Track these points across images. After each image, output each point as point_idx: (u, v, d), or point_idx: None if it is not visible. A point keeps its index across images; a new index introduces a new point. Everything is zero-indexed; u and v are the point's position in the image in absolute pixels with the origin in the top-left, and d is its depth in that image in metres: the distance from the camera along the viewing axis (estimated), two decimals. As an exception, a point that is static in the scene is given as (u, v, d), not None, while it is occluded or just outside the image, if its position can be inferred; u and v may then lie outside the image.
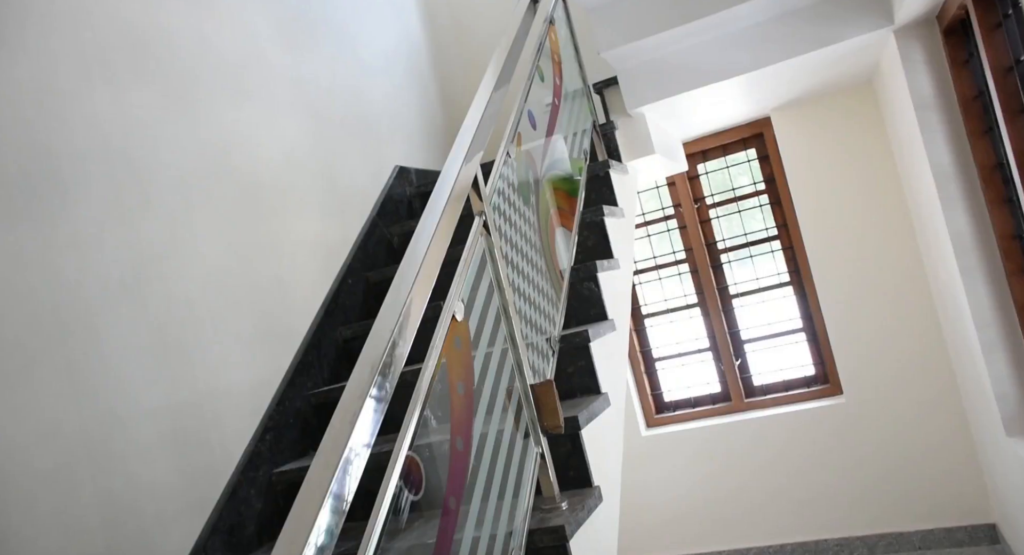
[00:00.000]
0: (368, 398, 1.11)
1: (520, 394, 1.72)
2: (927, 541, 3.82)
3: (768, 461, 4.13)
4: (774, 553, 4.14)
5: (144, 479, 1.80)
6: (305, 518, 0.97)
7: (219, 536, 1.94)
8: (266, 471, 2.15)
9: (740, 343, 4.36)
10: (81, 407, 1.69)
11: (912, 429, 3.84)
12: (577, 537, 1.66)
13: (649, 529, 4.37)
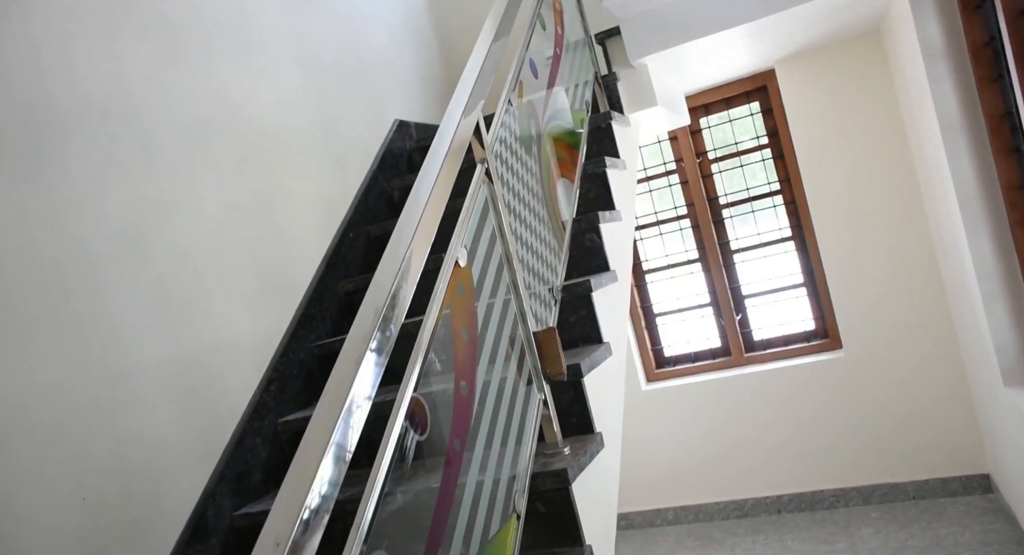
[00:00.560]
0: (369, 348, 1.11)
1: (523, 341, 1.73)
2: (922, 491, 3.88)
3: (767, 415, 4.17)
4: (771, 504, 4.20)
5: (152, 429, 1.81)
6: (307, 468, 0.98)
7: (227, 483, 1.97)
8: (271, 421, 2.17)
9: (741, 298, 4.37)
10: (87, 359, 1.70)
11: (910, 382, 3.87)
12: (579, 481, 1.68)
13: (649, 482, 4.44)
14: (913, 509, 3.78)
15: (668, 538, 4.23)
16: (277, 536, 0.89)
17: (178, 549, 1.79)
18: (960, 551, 3.24)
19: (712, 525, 4.26)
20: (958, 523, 3.51)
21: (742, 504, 4.27)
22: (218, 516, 1.91)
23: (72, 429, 1.62)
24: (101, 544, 1.62)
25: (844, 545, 3.59)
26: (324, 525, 0.93)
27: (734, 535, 4.05)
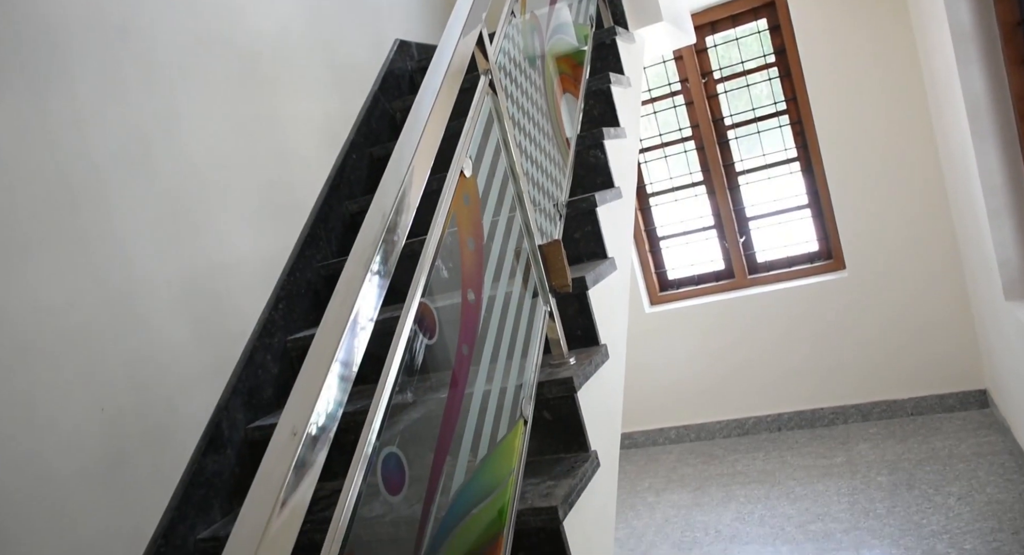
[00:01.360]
0: (372, 265, 1.11)
1: (528, 254, 1.74)
2: (919, 407, 3.95)
3: (769, 336, 4.22)
4: (772, 422, 4.30)
5: (164, 344, 1.85)
6: (323, 358, 1.00)
7: (239, 398, 2.01)
8: (280, 338, 2.20)
9: (745, 220, 4.36)
10: (97, 275, 1.72)
11: (912, 301, 3.90)
12: (584, 389, 1.72)
13: (652, 402, 4.52)
14: (910, 424, 3.87)
15: (670, 456, 4.34)
16: (294, 426, 0.92)
17: (195, 458, 1.84)
18: (955, 462, 3.33)
19: (713, 443, 4.36)
20: (954, 436, 3.59)
21: (743, 422, 4.36)
22: (232, 428, 1.97)
23: (87, 342, 1.65)
24: (121, 452, 1.67)
25: (842, 459, 3.68)
26: (339, 416, 0.96)
27: (735, 452, 4.15)
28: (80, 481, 1.58)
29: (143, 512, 1.71)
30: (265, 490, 0.86)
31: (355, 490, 0.97)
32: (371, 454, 1.03)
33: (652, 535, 3.42)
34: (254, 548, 0.80)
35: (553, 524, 1.46)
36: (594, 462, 1.67)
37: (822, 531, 3.06)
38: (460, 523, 1.26)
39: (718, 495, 3.66)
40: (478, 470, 1.34)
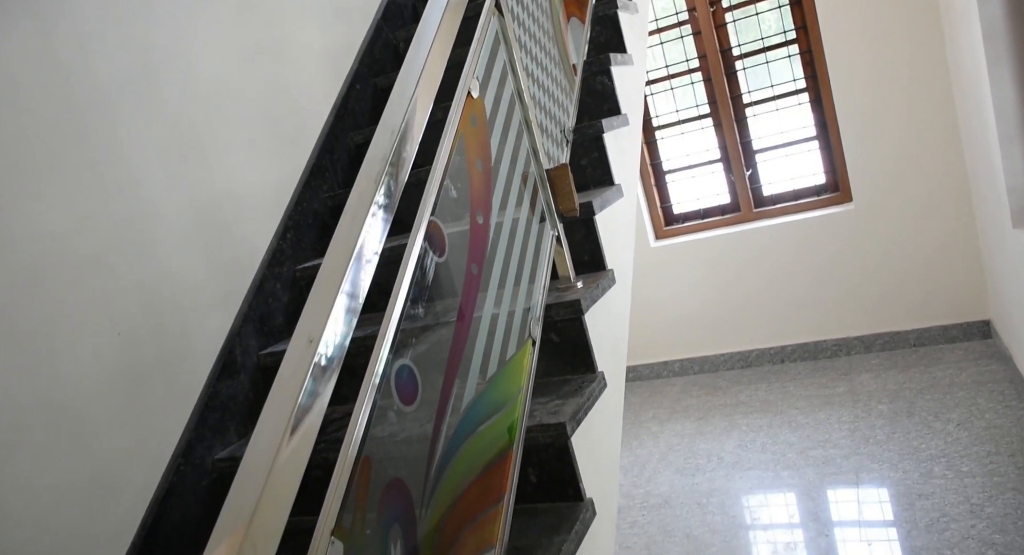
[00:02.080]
0: (377, 195, 1.11)
1: (536, 178, 1.74)
2: (922, 338, 3.99)
3: (774, 269, 4.24)
4: (775, 354, 4.34)
5: (175, 271, 1.86)
6: (336, 267, 1.01)
7: (251, 325, 2.04)
8: (289, 267, 2.22)
9: (752, 153, 4.33)
10: (108, 201, 1.73)
11: (918, 232, 3.89)
12: (591, 312, 1.74)
13: (656, 336, 4.57)
14: (912, 355, 3.91)
15: (674, 388, 4.40)
16: (310, 333, 0.94)
17: (210, 383, 1.88)
18: (955, 390, 3.38)
19: (717, 375, 4.42)
20: (955, 366, 3.63)
21: (747, 355, 4.41)
22: (245, 354, 2.00)
23: (99, 267, 1.67)
24: (138, 374, 1.71)
25: (844, 389, 3.74)
26: (354, 323, 0.98)
27: (738, 383, 4.21)
28: (100, 402, 1.62)
29: (162, 433, 1.75)
30: (283, 395, 0.89)
31: (371, 394, 1.00)
32: (385, 366, 1.05)
33: (656, 462, 3.50)
34: (278, 441, 0.83)
35: (561, 440, 1.50)
36: (601, 382, 1.70)
37: (822, 457, 3.13)
38: (470, 437, 1.29)
39: (721, 424, 3.73)
40: (488, 387, 1.37)
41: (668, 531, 2.88)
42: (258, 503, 0.80)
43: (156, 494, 1.70)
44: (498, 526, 1.33)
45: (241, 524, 0.79)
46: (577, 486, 1.53)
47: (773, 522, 2.81)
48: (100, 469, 1.60)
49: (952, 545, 2.36)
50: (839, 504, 2.79)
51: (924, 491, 2.69)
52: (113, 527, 1.61)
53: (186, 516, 1.76)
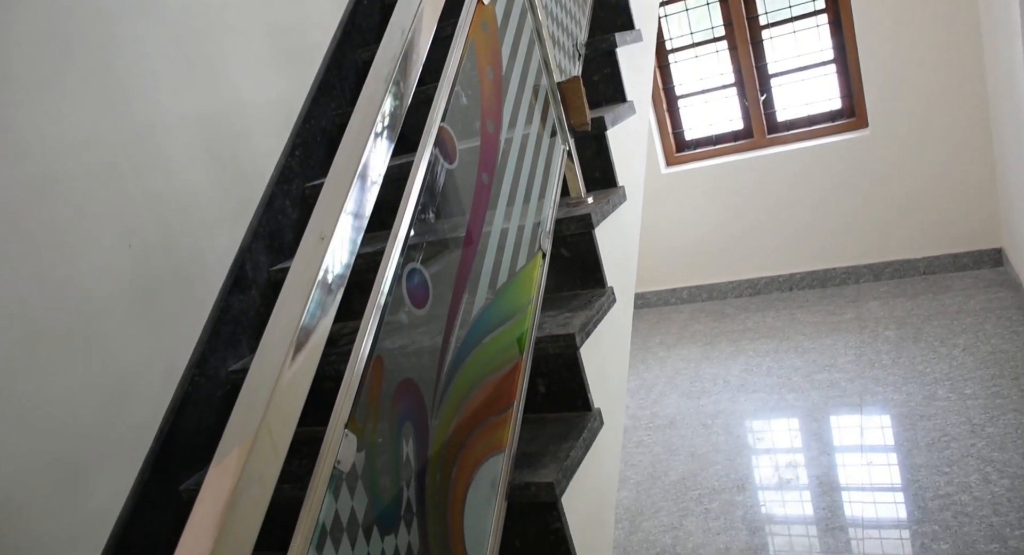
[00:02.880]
0: (382, 108, 1.09)
1: (547, 91, 1.71)
2: (932, 266, 3.98)
3: (786, 196, 4.20)
4: (784, 282, 4.35)
5: (185, 184, 1.86)
6: (350, 162, 1.00)
7: (261, 241, 2.05)
8: (298, 185, 2.21)
9: (767, 77, 4.23)
10: (115, 112, 1.71)
11: (934, 159, 3.83)
12: (602, 227, 1.73)
13: (665, 263, 4.57)
14: (922, 283, 3.90)
15: (682, 315, 4.43)
16: (321, 231, 0.94)
17: (222, 297, 1.90)
18: (962, 317, 3.38)
19: (725, 302, 4.44)
20: (963, 293, 3.63)
21: (755, 282, 4.42)
22: (256, 270, 2.01)
23: (109, 179, 1.67)
24: (150, 287, 1.73)
25: (851, 316, 3.75)
26: (365, 222, 0.98)
27: (746, 311, 4.23)
28: (114, 311, 1.64)
29: (176, 344, 1.78)
30: (297, 289, 0.89)
31: (384, 292, 1.01)
32: (398, 263, 1.06)
33: (662, 385, 3.55)
34: (292, 335, 0.84)
35: (570, 351, 1.52)
36: (610, 297, 1.71)
37: (827, 380, 3.16)
38: (481, 344, 1.31)
39: (727, 349, 3.76)
40: (498, 296, 1.38)
41: (673, 450, 2.94)
42: (266, 412, 0.80)
43: (172, 403, 1.74)
44: (508, 431, 1.36)
45: (248, 434, 0.78)
46: (585, 397, 1.56)
47: (776, 442, 2.87)
48: (116, 376, 1.63)
49: (951, 462, 2.41)
50: (842, 425, 2.83)
51: (926, 412, 2.72)
52: (131, 432, 1.65)
53: (201, 425, 1.80)
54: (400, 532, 1.04)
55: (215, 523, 0.72)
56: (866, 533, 2.22)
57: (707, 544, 2.35)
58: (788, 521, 2.41)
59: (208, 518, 0.73)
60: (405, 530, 1.05)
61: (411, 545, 1.06)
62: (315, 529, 0.88)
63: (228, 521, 0.72)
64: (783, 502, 2.50)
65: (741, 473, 2.69)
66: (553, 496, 1.34)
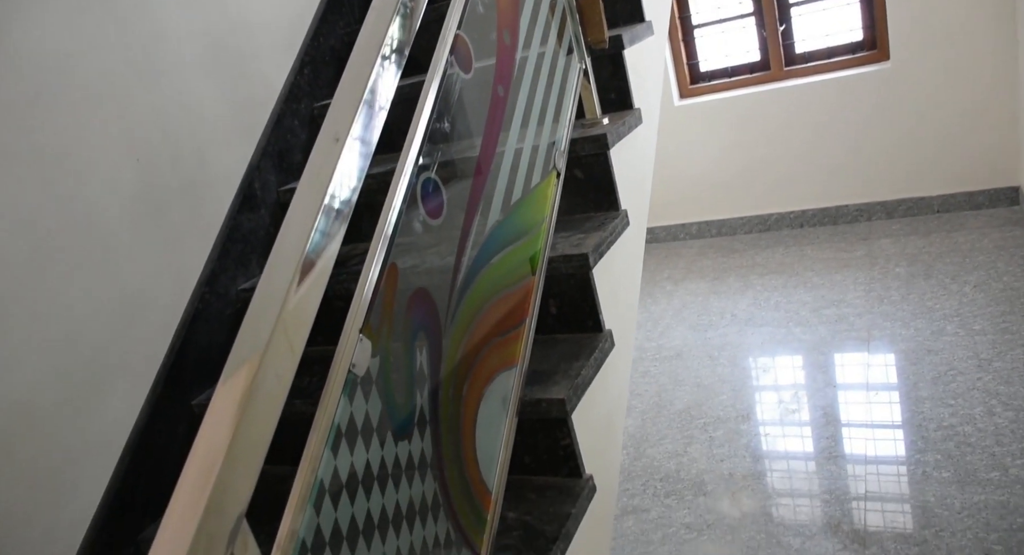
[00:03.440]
0: (394, 20, 1.04)
1: (564, 6, 1.65)
2: (947, 205, 3.93)
3: (800, 131, 4.12)
4: (795, 218, 4.31)
5: (192, 99, 1.82)
6: (352, 93, 0.97)
7: (269, 159, 2.02)
8: (307, 105, 2.17)
9: (787, 6, 4.10)
10: (119, 22, 1.66)
11: (955, 94, 3.74)
12: (617, 149, 1.70)
13: (675, 198, 4.52)
14: (935, 221, 3.86)
15: (690, 250, 4.41)
16: (336, 132, 0.92)
17: (231, 215, 1.88)
18: (975, 254, 3.36)
19: (735, 238, 4.41)
20: (978, 231, 3.59)
21: (766, 219, 4.38)
22: (265, 189, 1.99)
23: (112, 91, 1.63)
24: (160, 203, 1.71)
25: (862, 253, 3.73)
26: (382, 120, 0.95)
27: (755, 246, 4.20)
28: (124, 226, 1.62)
29: (186, 260, 1.77)
30: (312, 189, 0.87)
31: (399, 198, 0.99)
32: (412, 172, 1.04)
33: (669, 319, 3.55)
34: (306, 236, 0.82)
35: (583, 271, 1.51)
36: (624, 220, 1.68)
37: (836, 315, 3.16)
38: (494, 258, 1.29)
39: (736, 284, 3.75)
40: (512, 211, 1.36)
41: (679, 380, 2.96)
42: (274, 329, 0.78)
43: (183, 318, 1.74)
44: (520, 347, 1.36)
45: (256, 353, 0.76)
46: (597, 318, 1.55)
47: (782, 374, 2.88)
48: (128, 290, 1.63)
49: (956, 395, 2.42)
50: (848, 358, 2.84)
51: (934, 347, 2.72)
52: (144, 346, 1.66)
53: (212, 342, 1.81)
54: (414, 439, 1.04)
55: (232, 415, 0.72)
56: (868, 461, 2.25)
57: (711, 470, 2.38)
58: (791, 449, 2.44)
59: (225, 410, 0.73)
60: (418, 437, 1.06)
61: (424, 452, 1.07)
62: (330, 430, 0.88)
63: (246, 414, 0.72)
64: (787, 432, 2.52)
65: (746, 403, 2.72)
66: (564, 412, 1.35)
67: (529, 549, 1.27)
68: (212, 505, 0.69)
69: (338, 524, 0.90)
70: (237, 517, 0.72)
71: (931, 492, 2.05)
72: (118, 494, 1.57)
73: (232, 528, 0.71)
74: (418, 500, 1.05)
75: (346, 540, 0.91)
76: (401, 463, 1.01)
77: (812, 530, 2.04)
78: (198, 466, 0.71)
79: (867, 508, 2.06)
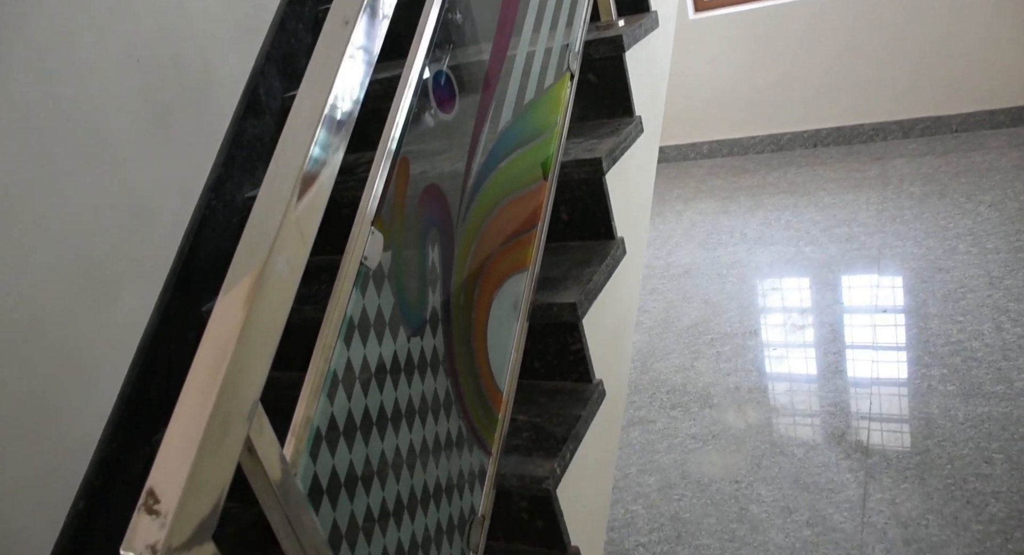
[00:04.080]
0: None
1: None
2: (966, 124, 3.84)
3: (817, 47, 3.99)
4: (808, 138, 4.22)
5: (191, 1, 1.75)
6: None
7: (273, 65, 1.96)
8: (311, 7, 2.09)
9: (810, -88, 3.91)
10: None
11: (981, 9, 3.60)
12: (632, 52, 1.64)
13: (686, 115, 4.43)
14: (952, 141, 3.78)
15: (701, 169, 4.34)
16: (345, 15, 0.87)
17: (235, 120, 1.84)
18: (992, 174, 3.30)
19: (746, 158, 4.34)
20: (996, 151, 3.52)
21: (779, 138, 4.29)
22: (270, 96, 1.94)
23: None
24: (163, 107, 1.67)
25: (876, 172, 3.66)
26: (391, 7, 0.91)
27: (767, 166, 4.14)
28: (126, 128, 1.59)
29: (191, 166, 1.74)
30: (320, 74, 0.84)
31: (412, 86, 0.96)
32: (422, 65, 1.00)
33: (679, 237, 3.53)
34: (303, 153, 0.80)
35: (596, 177, 1.48)
36: (638, 126, 1.64)
37: (847, 234, 3.13)
38: (507, 159, 1.26)
39: (746, 203, 3.71)
40: (525, 112, 1.32)
41: (687, 297, 2.96)
42: (277, 234, 0.75)
43: (190, 225, 1.73)
44: (531, 250, 1.34)
45: (257, 262, 0.73)
46: (609, 225, 1.53)
47: (790, 291, 2.87)
48: (133, 195, 1.60)
49: (966, 312, 2.41)
50: (857, 276, 2.83)
51: (945, 265, 2.70)
52: (152, 253, 1.65)
53: (220, 249, 1.80)
54: (426, 336, 1.04)
55: (245, 299, 0.71)
56: (874, 374, 2.26)
57: (717, 384, 2.40)
58: (798, 364, 2.45)
59: (238, 295, 0.72)
60: (431, 335, 1.05)
61: (436, 350, 1.07)
62: (343, 321, 0.87)
63: (258, 298, 0.71)
64: (794, 347, 2.53)
65: (754, 319, 2.72)
66: (575, 317, 1.34)
67: (539, 449, 1.29)
68: (227, 387, 0.68)
69: (352, 415, 0.90)
70: (252, 401, 0.72)
71: (935, 404, 2.06)
72: (132, 397, 1.59)
73: (248, 411, 0.71)
74: (431, 396, 1.05)
75: (360, 431, 0.92)
76: (414, 359, 1.01)
77: (816, 440, 2.07)
78: (212, 349, 0.70)
79: (871, 420, 2.09)
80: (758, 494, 1.94)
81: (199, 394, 0.69)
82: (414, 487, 1.03)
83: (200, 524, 0.65)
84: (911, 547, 1.67)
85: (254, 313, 0.71)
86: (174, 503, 0.63)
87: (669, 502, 1.99)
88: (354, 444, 0.91)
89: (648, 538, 1.89)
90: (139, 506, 0.63)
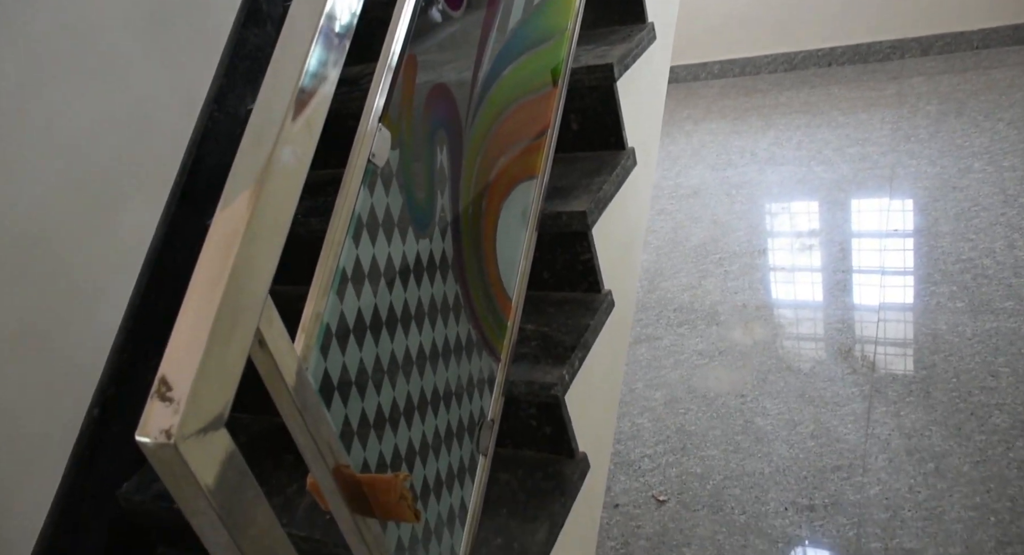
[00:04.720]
0: None
1: None
2: (988, 40, 3.72)
3: (838, -43, 3.84)
4: (823, 56, 4.11)
5: None
6: None
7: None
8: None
9: None
10: None
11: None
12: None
13: (696, 34, 4.30)
14: (973, 58, 3.67)
15: (712, 89, 4.25)
16: None
17: (236, 29, 1.79)
18: (1012, 91, 3.21)
19: (758, 78, 4.23)
20: (1018, 68, 3.42)
21: (792, 57, 4.18)
22: (271, 3, 1.88)
23: None
24: (160, 13, 1.62)
25: (892, 91, 3.57)
26: None
27: (779, 86, 4.04)
28: (124, 38, 1.54)
29: (192, 78, 1.70)
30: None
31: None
32: (428, -49, 0.95)
33: (688, 158, 3.48)
34: (300, 65, 0.76)
35: (607, 84, 1.44)
36: (651, 32, 1.59)
37: (859, 154, 3.08)
38: (517, 61, 1.22)
39: (757, 124, 3.64)
40: (535, 12, 1.27)
41: (695, 217, 2.94)
42: (283, 123, 0.72)
43: (193, 137, 1.70)
44: (540, 157, 1.32)
45: (264, 152, 0.71)
46: (620, 134, 1.50)
47: (800, 210, 2.84)
48: (134, 107, 1.57)
49: (978, 230, 2.39)
50: (868, 195, 2.79)
51: (959, 184, 2.66)
52: (155, 166, 1.63)
53: (223, 162, 1.77)
54: (435, 239, 1.03)
55: (250, 190, 0.69)
56: (884, 293, 2.26)
57: (724, 302, 2.40)
58: (806, 282, 2.45)
59: (242, 186, 0.70)
60: (439, 238, 1.04)
61: (445, 253, 1.06)
62: (351, 219, 0.86)
63: (264, 188, 0.69)
64: (803, 266, 2.52)
65: (762, 239, 2.70)
66: (584, 226, 1.33)
67: (548, 356, 1.29)
68: (235, 278, 0.67)
69: (361, 314, 0.90)
70: (262, 293, 0.71)
71: (943, 321, 2.06)
72: (140, 309, 1.59)
73: (257, 302, 0.70)
74: (440, 299, 1.05)
75: (370, 330, 0.91)
76: (423, 261, 1.00)
77: (822, 357, 2.08)
78: (219, 240, 0.69)
79: (878, 336, 2.09)
80: (763, 408, 1.96)
81: (207, 285, 0.68)
82: (424, 389, 1.03)
83: (213, 411, 0.65)
84: (913, 456, 1.69)
85: (261, 204, 0.70)
86: (187, 390, 0.63)
87: (675, 415, 2.01)
88: (364, 343, 0.91)
89: (654, 449, 1.92)
90: (152, 393, 0.63)
